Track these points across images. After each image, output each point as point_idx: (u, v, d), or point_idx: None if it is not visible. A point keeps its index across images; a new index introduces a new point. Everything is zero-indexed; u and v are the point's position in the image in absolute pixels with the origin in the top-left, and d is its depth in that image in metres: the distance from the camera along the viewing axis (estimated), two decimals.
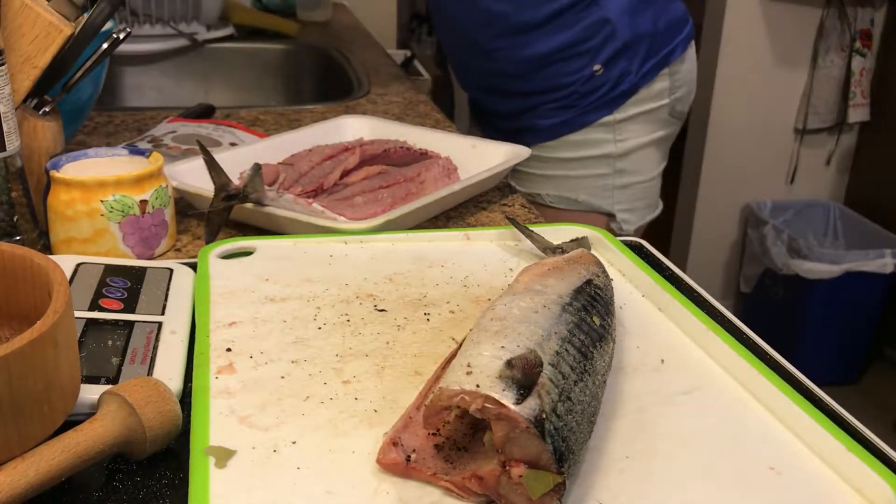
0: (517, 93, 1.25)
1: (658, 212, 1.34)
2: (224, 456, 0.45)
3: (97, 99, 0.95)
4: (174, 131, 1.05)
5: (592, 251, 0.70)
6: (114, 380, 0.52)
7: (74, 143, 1.06)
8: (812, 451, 0.48)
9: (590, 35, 1.17)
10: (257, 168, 0.76)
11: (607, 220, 1.28)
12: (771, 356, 0.60)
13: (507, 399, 0.41)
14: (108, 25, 0.80)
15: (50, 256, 0.51)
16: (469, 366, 0.44)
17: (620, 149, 1.24)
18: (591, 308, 0.53)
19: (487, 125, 1.39)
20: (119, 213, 0.70)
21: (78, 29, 0.74)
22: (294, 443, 0.46)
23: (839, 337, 2.49)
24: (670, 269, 0.73)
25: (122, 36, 0.79)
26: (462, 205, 0.90)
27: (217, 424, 0.47)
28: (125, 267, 0.66)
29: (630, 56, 1.20)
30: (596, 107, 1.21)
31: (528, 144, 1.24)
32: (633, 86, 1.21)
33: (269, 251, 0.69)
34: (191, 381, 0.52)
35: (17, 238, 0.71)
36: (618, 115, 1.22)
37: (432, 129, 1.08)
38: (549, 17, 1.16)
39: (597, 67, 1.19)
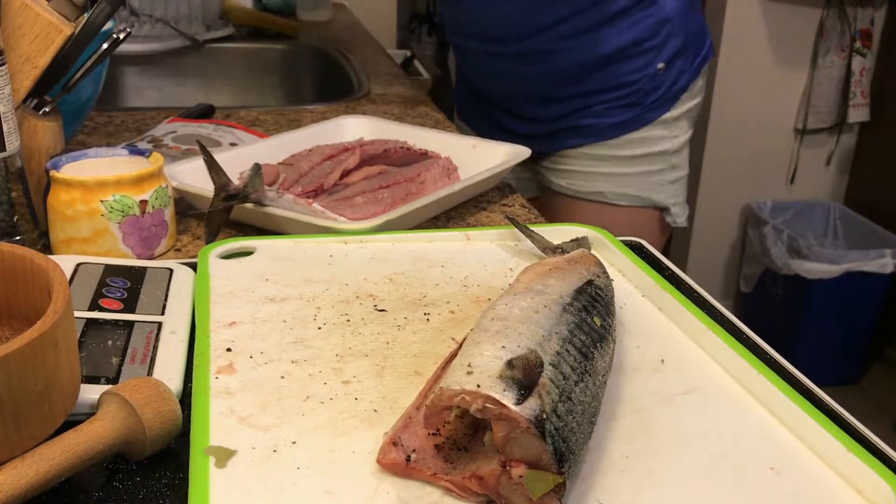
0: (568, 95, 1.23)
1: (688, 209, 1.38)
2: (224, 456, 0.45)
3: (97, 99, 0.95)
4: (174, 131, 1.05)
5: (592, 251, 0.70)
6: (114, 380, 0.52)
7: (74, 143, 1.06)
8: (812, 451, 0.48)
9: (653, 33, 1.18)
10: (257, 168, 0.77)
11: (662, 215, 1.30)
12: (771, 356, 0.60)
13: (508, 399, 0.41)
14: (108, 25, 0.80)
15: (50, 256, 0.51)
16: (470, 366, 0.44)
17: (674, 145, 1.26)
18: (592, 308, 0.53)
19: (500, 131, 1.35)
20: (119, 213, 0.70)
21: (78, 29, 0.74)
22: (294, 443, 0.46)
23: (839, 337, 2.49)
24: (670, 269, 0.73)
25: (122, 36, 0.79)
26: (462, 205, 0.90)
27: (217, 424, 0.47)
28: (125, 267, 0.66)
29: (686, 55, 1.22)
30: (658, 105, 1.22)
31: (573, 145, 1.24)
32: (687, 83, 1.24)
33: (269, 251, 0.69)
34: (191, 381, 0.52)
35: (17, 238, 0.71)
36: (673, 112, 1.24)
37: (432, 129, 1.08)
38: (615, 16, 1.15)
39: (660, 66, 1.20)
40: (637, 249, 0.76)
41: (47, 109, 0.77)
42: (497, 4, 1.19)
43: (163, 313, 0.60)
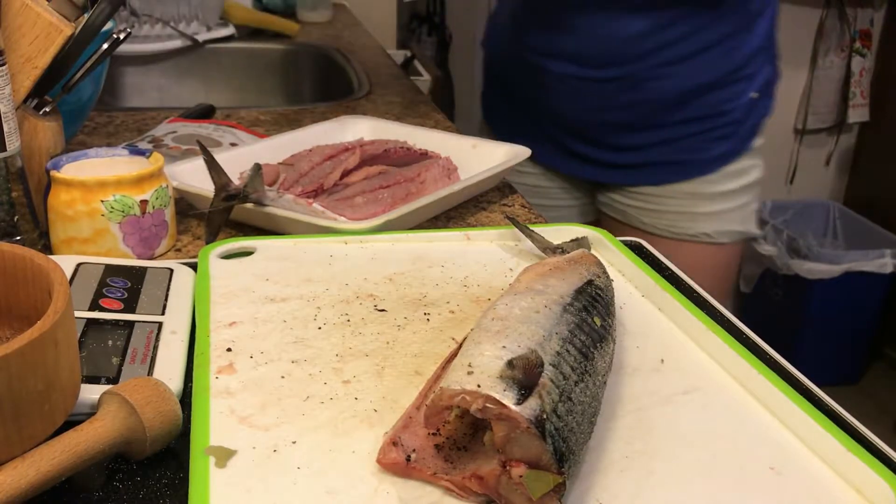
0: (661, 124, 1.16)
1: None
2: (224, 456, 0.45)
3: (97, 99, 0.95)
4: (174, 131, 1.05)
5: (592, 251, 0.70)
6: (114, 380, 0.52)
7: (75, 143, 1.06)
8: (812, 451, 0.48)
9: (748, 61, 1.15)
10: (257, 168, 0.77)
11: (747, 244, 1.27)
12: (771, 356, 0.60)
13: (508, 399, 0.41)
14: (109, 25, 0.80)
15: (50, 256, 0.51)
16: (470, 366, 0.44)
17: (761, 172, 1.23)
18: (592, 309, 0.53)
19: (563, 153, 1.25)
20: (119, 213, 0.70)
21: (78, 29, 0.74)
22: (294, 443, 0.47)
23: (839, 337, 2.49)
24: (670, 269, 0.73)
25: (122, 36, 0.79)
26: (462, 205, 0.90)
27: (217, 424, 0.47)
28: (125, 267, 0.66)
29: (773, 82, 1.20)
30: (750, 134, 1.19)
31: (665, 181, 1.18)
32: (770, 110, 1.21)
33: (269, 251, 0.70)
34: (191, 381, 0.52)
35: (18, 238, 0.71)
36: (759, 140, 1.21)
37: (432, 129, 1.08)
38: (718, 42, 1.12)
39: (754, 94, 1.16)
40: (637, 249, 0.76)
41: (47, 109, 0.77)
42: (610, 29, 1.11)
43: (163, 313, 0.60)
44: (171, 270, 0.66)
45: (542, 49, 1.18)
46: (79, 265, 0.65)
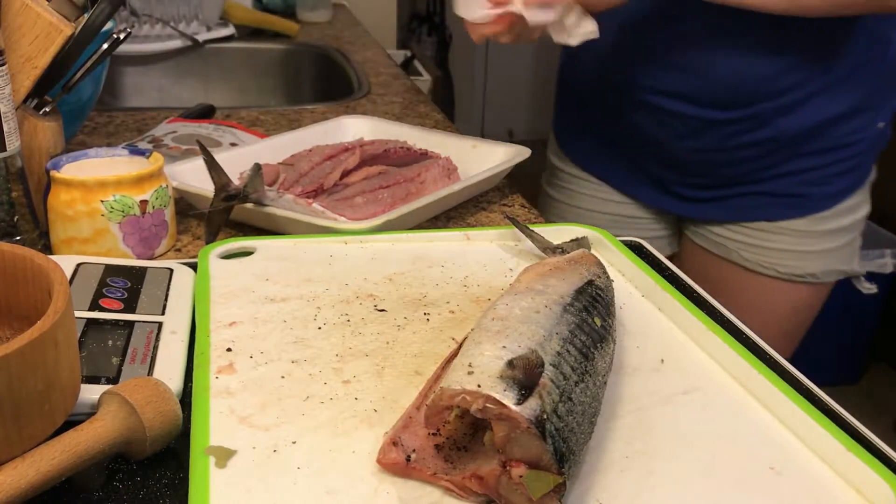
0: (779, 160, 1.06)
1: None
2: (224, 456, 0.45)
3: (97, 99, 0.95)
4: (174, 131, 1.05)
5: (592, 251, 0.70)
6: (114, 380, 0.52)
7: (75, 143, 1.06)
8: (812, 451, 0.48)
9: (879, 89, 1.06)
10: (257, 168, 0.77)
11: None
12: (771, 356, 0.60)
13: (509, 399, 0.41)
14: (109, 25, 0.80)
15: (50, 256, 0.51)
16: (470, 365, 0.44)
17: (869, 208, 1.14)
18: (593, 309, 0.53)
19: (653, 186, 1.15)
20: (119, 213, 0.70)
21: (78, 29, 0.74)
22: (294, 443, 0.47)
23: (839, 337, 2.49)
24: (670, 269, 0.73)
25: (122, 36, 0.79)
26: (462, 205, 0.90)
27: (217, 424, 0.47)
28: (125, 267, 0.66)
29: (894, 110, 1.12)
30: (870, 167, 1.10)
31: (773, 217, 1.08)
32: (887, 139, 1.11)
33: (269, 251, 0.70)
34: (191, 381, 0.52)
35: (18, 238, 0.71)
36: (873, 173, 1.12)
37: (432, 129, 1.08)
38: (853, 71, 1.02)
39: (881, 124, 1.07)
40: (637, 250, 0.76)
41: (48, 109, 0.77)
42: (738, 69, 1.00)
43: (163, 313, 0.60)
44: (171, 270, 0.66)
45: (648, 86, 1.06)
46: (79, 265, 0.65)
